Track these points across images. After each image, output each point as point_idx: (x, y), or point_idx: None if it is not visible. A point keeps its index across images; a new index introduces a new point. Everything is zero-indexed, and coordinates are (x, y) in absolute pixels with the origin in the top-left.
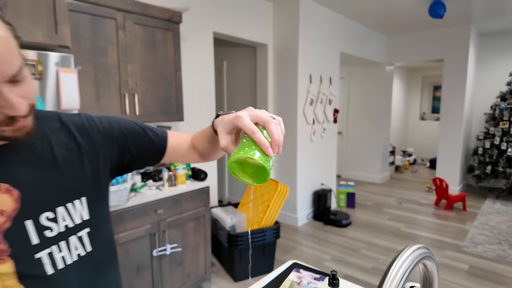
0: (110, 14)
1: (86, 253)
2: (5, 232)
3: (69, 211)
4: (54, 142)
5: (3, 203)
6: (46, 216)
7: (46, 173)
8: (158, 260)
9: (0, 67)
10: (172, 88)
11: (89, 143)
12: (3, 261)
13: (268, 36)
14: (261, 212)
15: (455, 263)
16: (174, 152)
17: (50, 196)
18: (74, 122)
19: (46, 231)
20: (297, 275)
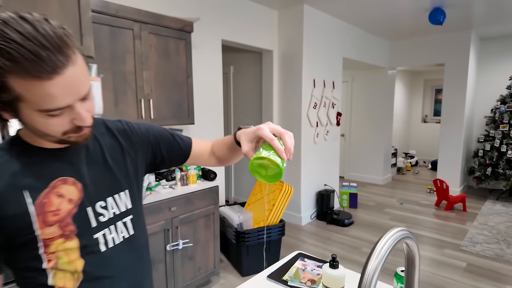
0: (127, 25)
1: (130, 236)
2: (73, 216)
3: (116, 201)
4: (103, 144)
5: (72, 193)
6: (100, 205)
7: (99, 170)
8: (171, 254)
9: (78, 89)
10: (184, 93)
11: (129, 145)
12: (71, 239)
13: (274, 43)
14: (267, 210)
15: (453, 261)
16: (197, 156)
17: (102, 188)
18: (116, 127)
19: (100, 217)
20: (302, 263)
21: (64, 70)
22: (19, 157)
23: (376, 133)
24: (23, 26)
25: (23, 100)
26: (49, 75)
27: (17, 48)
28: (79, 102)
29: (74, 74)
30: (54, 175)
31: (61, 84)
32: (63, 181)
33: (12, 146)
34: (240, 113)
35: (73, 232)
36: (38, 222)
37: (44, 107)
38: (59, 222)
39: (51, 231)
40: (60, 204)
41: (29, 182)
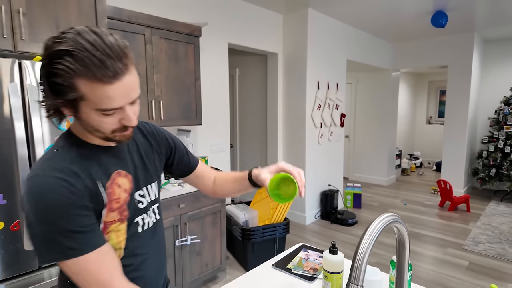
0: (139, 30)
1: (157, 220)
2: (128, 203)
3: (149, 190)
4: (138, 141)
5: (125, 184)
6: (139, 193)
7: (138, 164)
8: (179, 250)
9: (131, 94)
10: (192, 95)
11: (156, 144)
12: (123, 222)
13: (279, 46)
14: (272, 209)
15: (456, 260)
16: (198, 176)
17: (141, 179)
18: (146, 128)
19: (139, 204)
20: (305, 253)
21: (122, 77)
22: (82, 152)
23: (380, 134)
24: (93, 37)
25: (85, 99)
26: (110, 80)
27: (88, 55)
28: (128, 105)
29: (130, 81)
30: (111, 169)
31: (118, 89)
32: (118, 173)
33: (70, 142)
34: (246, 115)
35: (126, 216)
36: (106, 209)
37: (101, 107)
38: (119, 209)
39: (112, 216)
40: (120, 193)
41: (99, 175)
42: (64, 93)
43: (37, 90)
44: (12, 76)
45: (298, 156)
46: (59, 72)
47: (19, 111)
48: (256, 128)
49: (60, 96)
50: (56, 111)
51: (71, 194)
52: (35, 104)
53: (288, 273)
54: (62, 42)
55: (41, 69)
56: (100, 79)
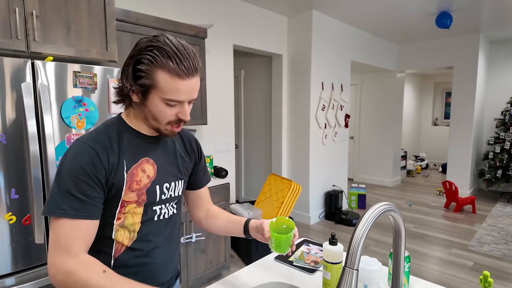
0: (147, 31)
1: (173, 214)
2: (147, 189)
3: (175, 186)
4: (176, 143)
5: (150, 171)
6: (166, 186)
7: (171, 160)
8: (185, 247)
9: (193, 93)
10: (198, 96)
11: (191, 151)
12: (140, 206)
13: (283, 47)
14: (276, 208)
15: (460, 260)
16: (198, 197)
17: (170, 174)
18: (186, 136)
19: (162, 195)
20: (307, 247)
21: (192, 77)
22: (123, 134)
23: (385, 135)
24: (178, 41)
25: (157, 88)
26: (184, 76)
27: (172, 52)
28: (187, 102)
29: (196, 83)
30: (142, 154)
31: (187, 85)
32: (147, 160)
33: (118, 124)
34: (251, 115)
35: (143, 201)
36: (125, 186)
37: (168, 97)
38: (138, 191)
39: (130, 196)
40: (142, 177)
41: (128, 155)
42: (142, 78)
43: (49, 89)
44: (25, 76)
45: (302, 157)
46: (145, 61)
47: (32, 109)
48: (260, 129)
49: (138, 81)
50: (126, 96)
51: (92, 163)
52: (46, 103)
53: (289, 265)
54: (153, 40)
55: (130, 56)
56: (176, 73)
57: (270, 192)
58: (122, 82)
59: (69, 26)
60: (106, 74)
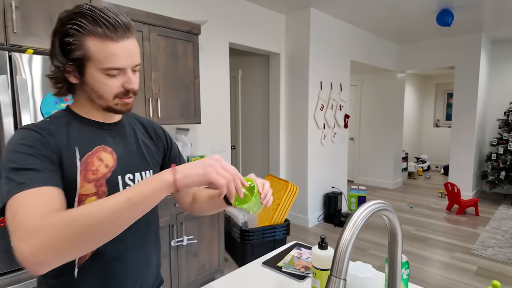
0: (137, 27)
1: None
2: (107, 179)
3: (142, 177)
4: (136, 129)
5: (108, 160)
6: (128, 177)
7: (132, 148)
8: (175, 250)
9: (133, 58)
10: (191, 93)
11: (156, 138)
12: (101, 198)
13: (281, 46)
14: (272, 210)
15: (464, 264)
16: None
17: (132, 164)
18: (147, 122)
19: (127, 187)
20: (298, 251)
21: (126, 38)
22: (72, 123)
23: (386, 137)
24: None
25: (92, 58)
26: (117, 39)
27: (99, 16)
28: (130, 70)
29: (133, 46)
30: (97, 142)
31: (123, 48)
32: (103, 148)
33: (65, 114)
34: (248, 115)
35: (104, 193)
36: (80, 176)
37: (106, 65)
38: (96, 182)
39: (88, 188)
40: (99, 166)
41: (80, 143)
42: (73, 52)
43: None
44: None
45: (301, 157)
46: (71, 32)
47: (8, 106)
48: (258, 130)
49: (69, 55)
50: (63, 81)
51: (38, 141)
52: (25, 99)
53: (278, 271)
54: (74, 9)
55: (53, 33)
56: (108, 36)
57: None
58: (53, 65)
59: (52, 18)
60: None
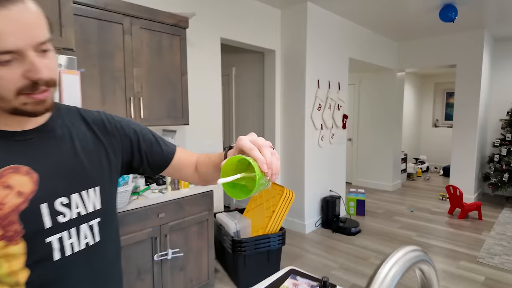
0: (117, 19)
1: (94, 243)
2: (21, 213)
3: (83, 198)
4: (74, 132)
5: (23, 185)
6: (61, 201)
7: (65, 160)
8: (159, 265)
9: (30, 32)
10: (178, 92)
11: (106, 137)
12: (16, 243)
13: (276, 42)
14: (266, 217)
15: (470, 275)
16: (178, 166)
17: (66, 182)
18: (93, 117)
19: (59, 216)
20: (293, 282)
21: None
22: None
23: (385, 137)
24: None
25: None
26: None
27: None
28: (33, 51)
29: (28, 14)
30: (4, 162)
31: (12, 19)
32: (14, 169)
33: None
34: (242, 115)
35: (18, 233)
36: None
37: None
38: (1, 220)
39: None
40: (5, 197)
41: None
42: None
43: None
44: None
45: (297, 160)
46: None
47: None
48: (252, 130)
49: None
50: None
51: None
52: None
53: None
54: None
55: None
56: None
57: (261, 199)
58: None
59: None
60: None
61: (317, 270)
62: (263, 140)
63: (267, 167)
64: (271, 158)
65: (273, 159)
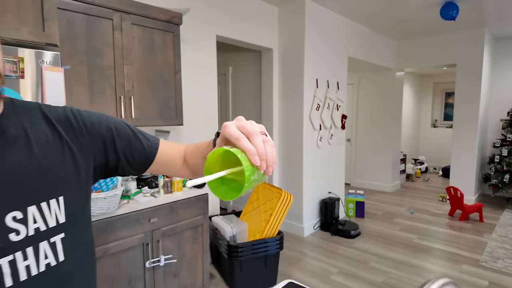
0: (106, 14)
1: (57, 263)
2: None
3: (43, 211)
4: (31, 132)
5: None
6: (13, 216)
7: (19, 165)
8: (151, 272)
9: None
10: (172, 91)
11: (72, 137)
12: None
13: (274, 40)
14: (264, 221)
15: (473, 279)
16: (164, 162)
17: (21, 192)
18: (56, 114)
19: (11, 234)
20: None
21: None
22: None
23: (384, 138)
24: None
25: None
26: None
27: None
28: None
29: None
30: None
31: None
32: None
33: None
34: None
35: None
36: None
37: None
38: None
39: None
40: None
41: None
42: None
43: None
44: None
45: (295, 161)
46: None
47: None
48: None
49: None
50: None
51: None
52: None
53: None
54: None
55: None
56: None
57: (258, 202)
58: None
59: None
60: (38, 60)
61: (316, 275)
62: (252, 124)
63: (259, 159)
64: (263, 147)
65: (267, 148)
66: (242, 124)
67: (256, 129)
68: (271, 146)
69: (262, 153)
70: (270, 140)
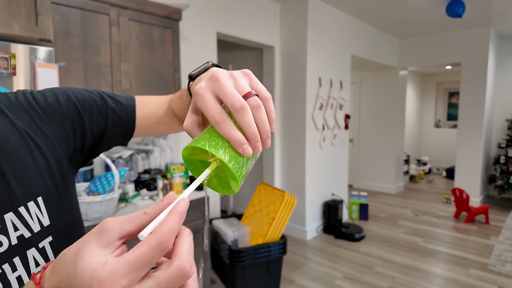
0: (102, 9)
1: None
2: None
3: (22, 216)
4: None
5: None
6: None
7: None
8: None
9: None
10: (170, 89)
11: (31, 127)
12: None
13: (275, 38)
14: (266, 224)
15: (481, 284)
16: (147, 122)
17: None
18: (7, 102)
19: None
20: None
21: None
22: None
23: (387, 138)
24: None
25: None
26: None
27: None
28: None
29: None
30: None
31: None
32: None
33: None
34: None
35: None
36: None
37: None
38: None
39: None
40: None
41: None
42: None
43: None
44: None
45: (298, 162)
46: None
47: None
48: None
49: None
50: None
51: None
52: None
53: None
54: None
55: None
56: None
57: (260, 205)
58: None
59: None
60: (31, 56)
61: (321, 280)
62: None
63: (249, 147)
64: (254, 127)
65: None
66: (219, 88)
67: (240, 99)
68: (264, 113)
69: (252, 136)
70: (261, 104)
